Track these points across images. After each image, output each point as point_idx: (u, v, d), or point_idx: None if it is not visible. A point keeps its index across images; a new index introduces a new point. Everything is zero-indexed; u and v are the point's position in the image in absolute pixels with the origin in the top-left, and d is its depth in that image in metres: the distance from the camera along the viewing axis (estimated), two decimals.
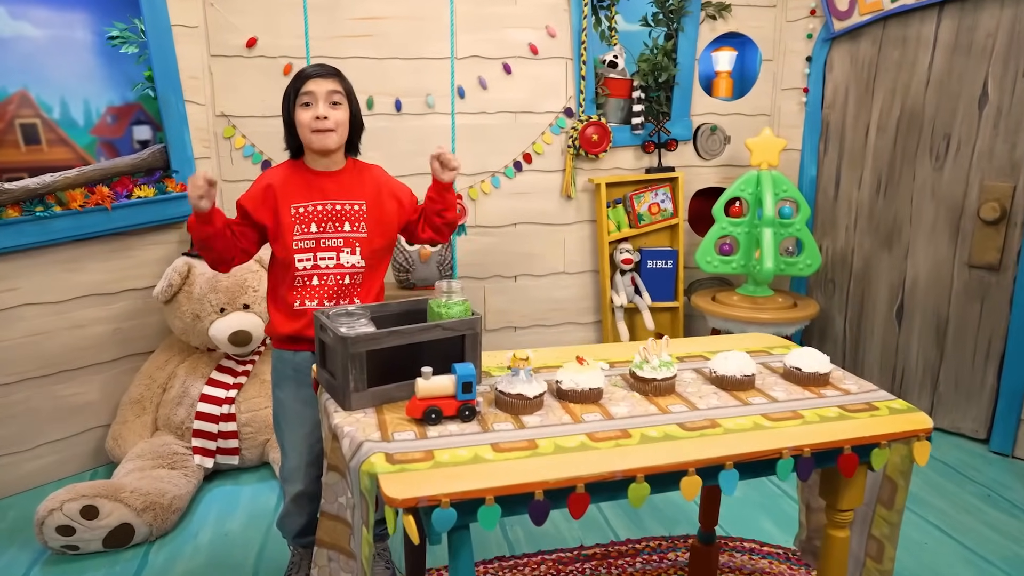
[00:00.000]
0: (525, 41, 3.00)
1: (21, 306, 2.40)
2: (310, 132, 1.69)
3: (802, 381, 1.57)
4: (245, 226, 1.74)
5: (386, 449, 1.23)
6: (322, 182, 1.75)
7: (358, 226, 1.77)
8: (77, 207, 2.42)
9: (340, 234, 1.75)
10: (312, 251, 1.73)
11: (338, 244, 1.75)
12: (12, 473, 2.45)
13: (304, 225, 1.73)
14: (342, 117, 1.72)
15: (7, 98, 2.51)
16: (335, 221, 1.75)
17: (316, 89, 1.68)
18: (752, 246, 2.99)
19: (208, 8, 2.73)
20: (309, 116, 1.68)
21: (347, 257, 1.76)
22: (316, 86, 1.68)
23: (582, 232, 3.22)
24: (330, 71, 1.72)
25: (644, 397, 1.50)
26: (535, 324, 3.28)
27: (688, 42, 3.14)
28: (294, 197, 1.73)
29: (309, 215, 1.73)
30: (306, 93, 1.68)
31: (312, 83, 1.68)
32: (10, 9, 2.50)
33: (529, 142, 3.09)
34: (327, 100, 1.69)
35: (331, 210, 1.75)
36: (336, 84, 1.71)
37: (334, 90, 1.70)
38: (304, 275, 1.74)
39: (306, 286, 1.74)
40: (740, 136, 3.22)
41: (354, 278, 1.78)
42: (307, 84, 1.68)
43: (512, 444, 1.27)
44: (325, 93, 1.69)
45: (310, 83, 1.68)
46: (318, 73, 1.70)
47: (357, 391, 1.40)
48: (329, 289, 1.75)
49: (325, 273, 1.75)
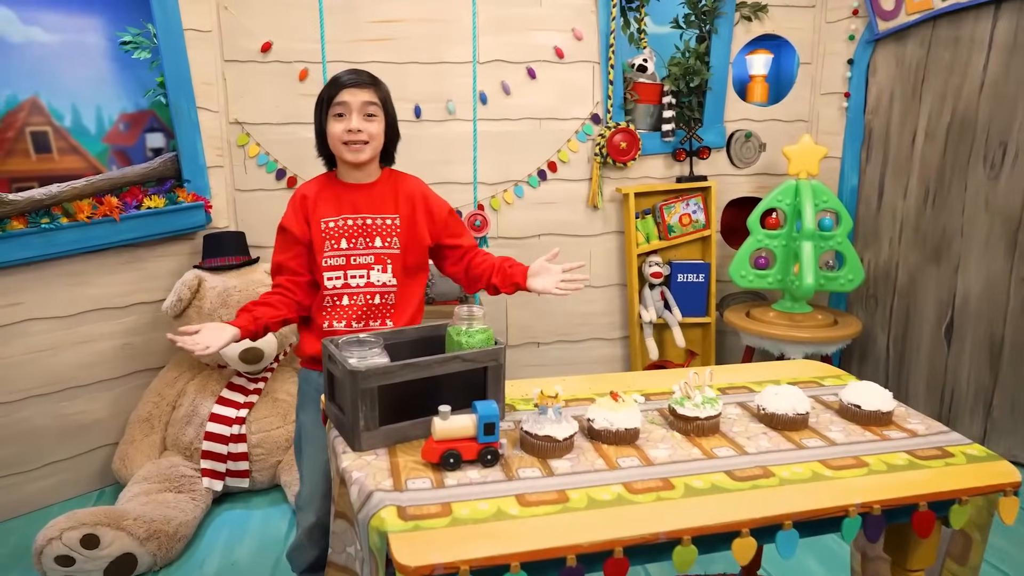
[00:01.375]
0: (550, 44, 2.86)
1: (26, 321, 2.31)
2: (341, 144, 1.59)
3: (861, 420, 1.42)
4: (301, 256, 1.65)
5: (399, 501, 1.10)
6: (354, 195, 1.65)
7: (390, 241, 1.66)
8: (84, 218, 2.33)
9: (371, 250, 1.65)
10: (342, 268, 1.64)
11: (368, 261, 1.64)
12: (15, 494, 2.36)
13: (334, 240, 1.63)
14: (376, 129, 1.61)
15: (17, 105, 2.43)
16: (366, 236, 1.65)
17: (350, 100, 1.57)
18: (790, 260, 2.82)
19: (222, 12, 2.63)
20: (341, 128, 1.58)
21: (378, 275, 1.65)
22: (350, 96, 1.57)
23: (609, 244, 3.08)
24: (366, 80, 1.61)
25: (685, 438, 1.35)
26: (559, 340, 3.13)
27: (721, 45, 2.98)
28: (325, 211, 1.64)
29: (339, 230, 1.63)
30: (339, 104, 1.57)
31: (346, 93, 1.57)
32: (21, 14, 2.42)
33: (554, 150, 2.96)
34: (361, 112, 1.58)
35: (361, 225, 1.65)
36: (372, 94, 1.60)
37: (369, 101, 1.60)
38: (333, 294, 1.64)
39: (336, 306, 1.65)
40: (776, 143, 3.05)
41: (385, 298, 1.67)
42: (341, 94, 1.57)
43: (540, 496, 1.13)
44: (360, 104, 1.58)
45: (344, 93, 1.57)
46: (353, 82, 1.59)
47: (368, 430, 1.27)
48: (359, 310, 1.64)
49: (355, 292, 1.64)
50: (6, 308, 2.27)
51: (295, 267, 1.65)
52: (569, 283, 1.64)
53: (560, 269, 1.66)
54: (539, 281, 1.66)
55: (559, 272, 1.65)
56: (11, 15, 2.42)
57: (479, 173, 2.88)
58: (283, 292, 1.65)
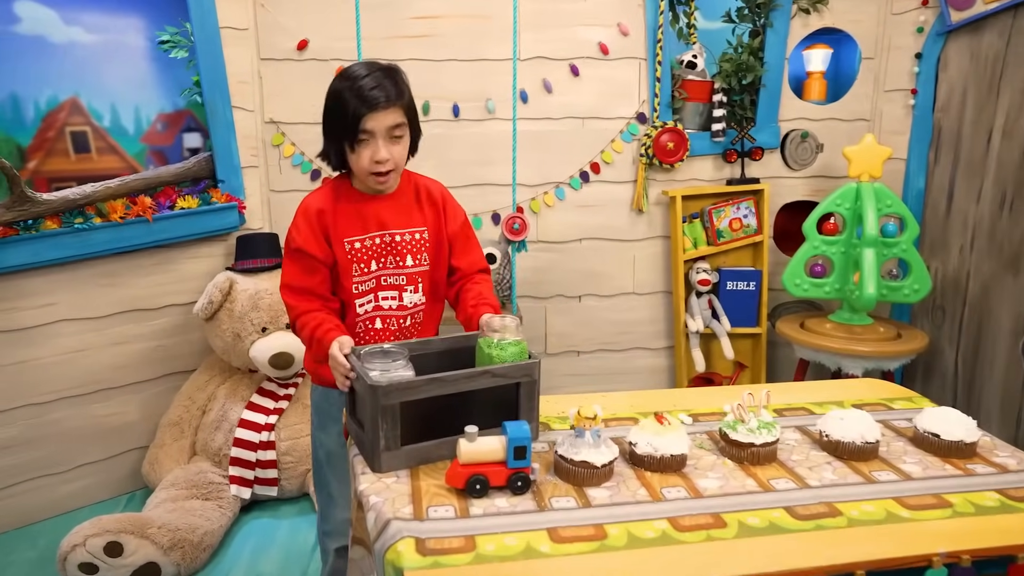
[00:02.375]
0: (595, 40, 2.74)
1: (59, 322, 2.29)
2: (367, 174, 1.42)
3: (941, 451, 1.26)
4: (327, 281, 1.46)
5: (418, 532, 1.00)
6: (378, 209, 1.48)
7: (421, 258, 1.52)
8: (117, 219, 2.30)
9: (403, 270, 1.50)
10: (373, 292, 1.49)
11: (400, 282, 1.50)
12: (46, 496, 2.34)
13: (363, 264, 1.47)
14: (402, 152, 1.44)
15: (58, 105, 2.42)
16: (396, 255, 1.49)
17: (375, 127, 1.37)
18: (849, 268, 2.64)
19: (259, 9, 2.59)
20: (367, 157, 1.39)
21: (410, 296, 1.51)
22: (375, 123, 1.37)
23: (654, 249, 2.93)
24: (390, 97, 1.37)
25: (738, 466, 1.22)
26: (600, 348, 3.00)
27: (777, 39, 2.81)
28: (348, 229, 1.46)
29: (367, 251, 1.47)
30: (363, 131, 1.37)
31: (370, 119, 1.36)
32: (63, 14, 2.41)
33: (597, 150, 2.83)
34: (387, 136, 1.39)
35: (391, 243, 1.48)
36: (398, 114, 1.40)
37: (396, 123, 1.40)
38: (366, 319, 1.50)
39: (369, 330, 1.51)
40: (834, 144, 2.86)
41: (415, 318, 1.54)
42: (365, 120, 1.36)
43: (575, 531, 1.01)
44: (385, 129, 1.39)
45: (368, 119, 1.36)
46: (377, 103, 1.35)
47: (388, 450, 1.17)
48: (391, 333, 1.52)
49: (388, 316, 1.50)
50: (40, 309, 2.25)
51: (325, 293, 1.47)
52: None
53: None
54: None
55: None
56: (53, 15, 2.42)
57: (519, 174, 2.77)
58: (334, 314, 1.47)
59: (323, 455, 1.61)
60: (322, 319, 1.41)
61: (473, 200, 2.80)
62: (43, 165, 2.38)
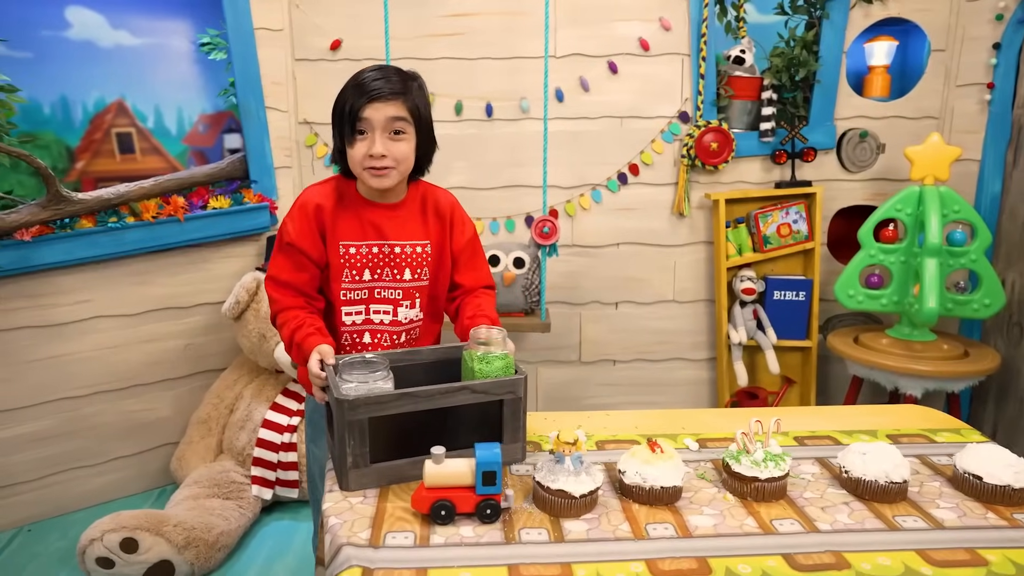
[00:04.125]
0: (635, 36, 2.61)
1: (94, 318, 2.35)
2: (362, 169, 1.34)
3: (983, 496, 1.10)
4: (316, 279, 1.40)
5: (368, 561, 0.93)
6: (378, 217, 1.40)
7: (420, 272, 1.43)
8: (150, 218, 2.34)
9: (399, 284, 1.42)
10: (364, 303, 1.41)
11: (396, 296, 1.42)
12: (81, 487, 2.40)
13: (355, 271, 1.40)
14: (404, 151, 1.34)
15: (105, 107, 2.48)
16: (393, 267, 1.41)
17: (372, 116, 1.30)
18: (909, 279, 2.42)
19: (293, 10, 2.59)
20: (363, 151, 1.32)
21: (406, 312, 1.43)
22: (374, 112, 1.30)
23: (696, 255, 2.78)
24: (393, 90, 1.31)
25: (740, 502, 1.09)
26: (637, 358, 2.87)
27: (834, 32, 2.61)
28: (345, 232, 1.39)
29: (361, 259, 1.39)
30: (361, 120, 1.31)
31: (369, 109, 1.29)
32: (111, 19, 2.48)
33: (636, 151, 2.70)
34: (386, 130, 1.31)
35: (388, 254, 1.40)
36: (400, 107, 1.31)
37: (396, 116, 1.31)
38: (353, 331, 1.42)
39: (356, 344, 1.43)
40: (897, 144, 2.63)
41: (411, 334, 1.46)
42: (364, 109, 1.30)
43: (537, 571, 0.92)
44: (384, 121, 1.31)
45: (367, 109, 1.30)
46: (377, 94, 1.29)
47: (357, 467, 1.11)
48: (383, 349, 1.43)
49: (379, 330, 1.42)
50: (76, 305, 2.31)
51: (311, 292, 1.40)
52: None
53: None
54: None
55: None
56: (101, 20, 2.49)
57: (554, 176, 2.68)
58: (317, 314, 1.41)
59: (316, 468, 1.56)
60: (303, 320, 1.35)
61: (506, 202, 2.73)
62: (90, 166, 2.45)
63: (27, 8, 2.31)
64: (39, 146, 2.36)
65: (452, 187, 2.68)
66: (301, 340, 1.31)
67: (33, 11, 2.32)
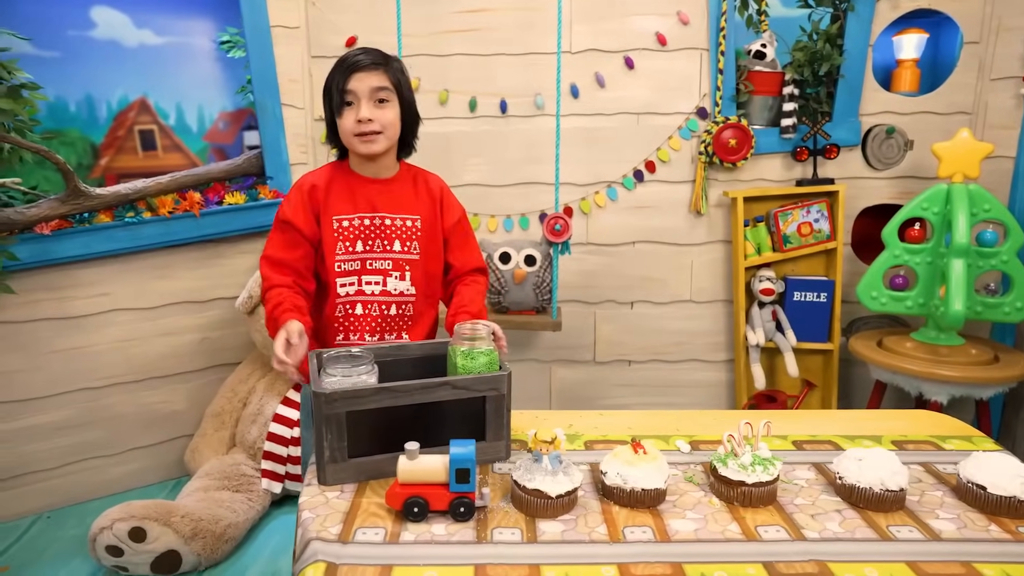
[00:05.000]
0: (652, 30, 2.56)
1: (113, 311, 2.40)
2: (353, 137, 1.43)
3: (987, 508, 1.04)
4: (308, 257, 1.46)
5: (334, 556, 0.91)
6: (370, 191, 1.49)
7: (410, 246, 1.50)
8: (166, 213, 2.38)
9: (389, 254, 1.48)
10: (356, 274, 1.48)
11: (386, 267, 1.48)
12: (99, 476, 2.46)
13: (348, 242, 1.47)
14: (390, 117, 1.44)
15: (128, 105, 2.54)
16: (383, 239, 1.48)
17: (357, 87, 1.41)
18: (935, 280, 2.33)
19: (310, 7, 2.61)
20: (351, 119, 1.42)
21: (395, 283, 1.49)
22: (358, 83, 1.41)
23: (714, 254, 2.72)
24: (375, 60, 1.43)
25: (726, 507, 1.05)
26: (653, 359, 2.82)
27: (860, 24, 2.52)
28: (338, 207, 1.47)
29: (354, 230, 1.47)
30: (347, 91, 1.41)
31: (354, 79, 1.41)
32: (135, 18, 2.53)
33: (653, 148, 2.65)
34: (371, 99, 1.42)
35: (379, 225, 1.48)
36: (382, 77, 1.43)
37: (379, 86, 1.42)
38: (346, 302, 1.48)
39: (348, 315, 1.49)
40: (927, 140, 2.53)
41: (402, 308, 1.50)
42: (349, 80, 1.41)
43: (504, 571, 0.89)
44: (369, 91, 1.41)
45: (352, 79, 1.41)
46: (360, 65, 1.41)
47: (334, 462, 1.10)
48: (373, 320, 1.49)
49: (370, 301, 1.48)
50: (95, 298, 2.36)
51: (301, 269, 1.47)
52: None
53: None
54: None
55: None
56: (125, 19, 2.54)
57: (569, 173, 2.65)
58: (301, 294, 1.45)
59: (309, 453, 1.57)
60: (286, 297, 1.40)
61: (520, 199, 2.70)
62: (113, 162, 2.50)
63: (55, 8, 2.37)
64: (65, 143, 2.42)
65: (467, 184, 2.69)
66: (278, 316, 1.36)
67: (60, 11, 2.38)
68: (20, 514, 2.35)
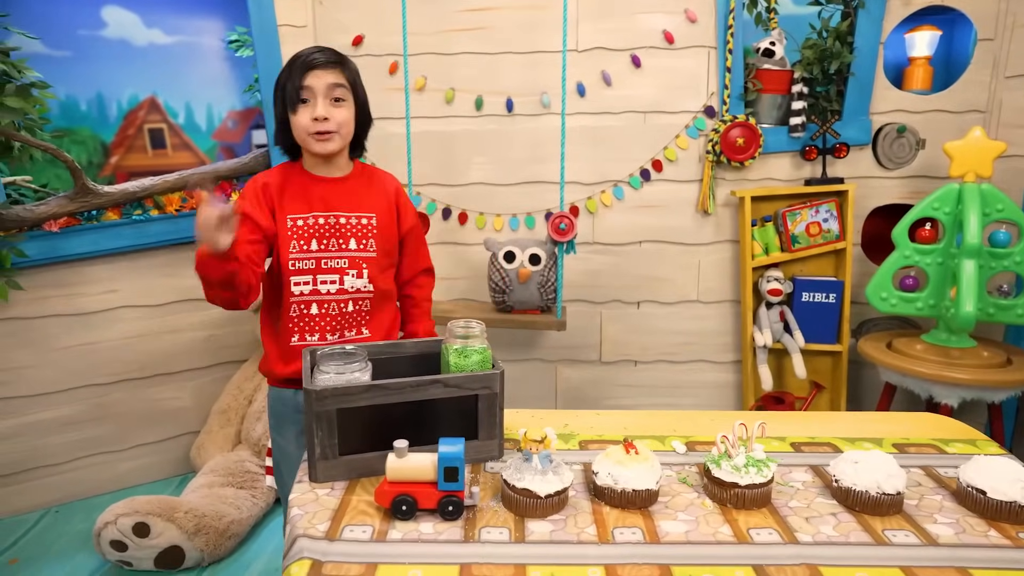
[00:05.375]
0: (659, 28, 2.54)
1: (121, 308, 2.42)
2: (308, 135, 1.41)
3: (987, 513, 1.02)
4: (261, 246, 1.44)
5: (321, 554, 0.91)
6: (323, 190, 1.48)
7: (366, 243, 1.50)
8: (173, 211, 2.40)
9: (344, 253, 1.48)
10: (311, 272, 1.46)
11: (342, 265, 1.47)
12: (107, 472, 2.48)
13: (303, 241, 1.45)
14: (345, 116, 1.43)
15: (138, 104, 2.56)
16: (339, 237, 1.47)
17: (314, 84, 1.40)
18: (946, 281, 2.29)
19: (317, 6, 2.61)
20: (306, 117, 1.40)
21: (352, 280, 1.48)
22: (315, 80, 1.39)
23: (721, 254, 2.69)
24: (331, 59, 1.42)
25: (719, 508, 1.04)
26: (659, 359, 2.80)
27: (870, 21, 2.49)
28: (292, 207, 1.45)
29: (309, 229, 1.45)
30: (303, 88, 1.40)
31: (310, 76, 1.39)
32: (145, 18, 2.55)
33: (660, 147, 2.63)
34: (328, 96, 1.41)
35: (334, 224, 1.47)
36: (339, 75, 1.42)
37: (336, 83, 1.41)
38: (301, 301, 1.46)
39: (303, 315, 1.47)
40: (940, 139, 2.49)
41: (359, 304, 1.50)
42: (305, 77, 1.39)
43: (489, 571, 0.89)
44: (325, 88, 1.40)
45: (308, 76, 1.39)
46: (317, 63, 1.40)
47: (326, 459, 1.10)
48: (331, 320, 1.48)
49: (326, 300, 1.47)
50: (103, 295, 2.39)
51: (253, 255, 1.38)
52: None
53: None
54: None
55: None
56: (135, 19, 2.56)
57: (575, 172, 2.64)
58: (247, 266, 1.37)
59: (279, 457, 1.58)
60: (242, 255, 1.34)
61: (526, 199, 2.69)
62: (123, 160, 2.53)
63: (66, 8, 2.39)
64: (76, 141, 2.45)
65: (472, 183, 2.68)
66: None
67: (72, 11, 2.40)
68: (29, 508, 2.38)
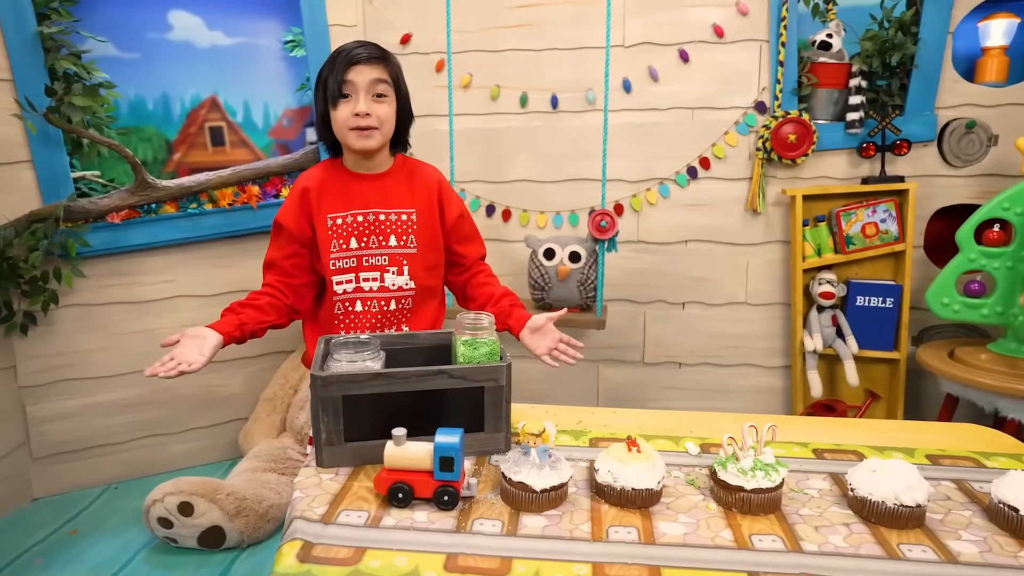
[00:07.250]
0: (708, 22, 2.48)
1: (177, 297, 2.54)
2: (348, 131, 1.42)
3: (1020, 531, 0.94)
4: (297, 256, 1.48)
5: (314, 536, 0.93)
6: (363, 187, 1.48)
7: (406, 240, 1.49)
8: (226, 205, 2.50)
9: (385, 250, 1.48)
10: (353, 271, 1.47)
11: (382, 263, 1.47)
12: (161, 453, 2.60)
13: (342, 240, 1.46)
14: (387, 112, 1.43)
15: (200, 103, 2.68)
16: (379, 234, 1.47)
17: (357, 79, 1.39)
18: (1016, 287, 2.14)
19: (367, 5, 2.67)
20: (347, 112, 1.40)
21: (393, 278, 1.48)
22: (357, 75, 1.39)
23: (771, 255, 2.60)
24: (375, 54, 1.41)
25: (723, 512, 1.00)
26: (704, 362, 2.72)
27: (938, 10, 2.35)
28: (331, 206, 1.47)
29: (348, 228, 1.47)
30: (345, 83, 1.40)
31: (353, 71, 1.38)
32: (208, 21, 2.66)
33: (708, 144, 2.56)
34: (370, 92, 1.40)
35: (373, 221, 1.47)
36: (382, 71, 1.41)
37: (378, 79, 1.40)
38: (344, 299, 1.48)
39: (348, 312, 1.49)
40: (1015, 135, 2.33)
41: (401, 303, 1.50)
42: (347, 72, 1.39)
43: (475, 562, 0.88)
44: (367, 83, 1.40)
45: (351, 71, 1.39)
46: (360, 58, 1.39)
47: (331, 445, 1.12)
48: (373, 317, 1.49)
49: (369, 297, 1.48)
50: (161, 284, 2.51)
51: (288, 268, 1.48)
52: (561, 354, 1.40)
53: (559, 337, 1.42)
54: (534, 339, 1.43)
55: (556, 339, 1.41)
56: (199, 22, 2.68)
57: (619, 169, 2.60)
58: (272, 294, 1.48)
59: None
60: (250, 301, 1.46)
61: (570, 196, 2.67)
62: (185, 157, 2.65)
63: (136, 12, 2.52)
64: (143, 139, 2.58)
65: (516, 180, 2.68)
66: (225, 311, 1.45)
67: (141, 15, 2.54)
68: (92, 483, 2.52)
